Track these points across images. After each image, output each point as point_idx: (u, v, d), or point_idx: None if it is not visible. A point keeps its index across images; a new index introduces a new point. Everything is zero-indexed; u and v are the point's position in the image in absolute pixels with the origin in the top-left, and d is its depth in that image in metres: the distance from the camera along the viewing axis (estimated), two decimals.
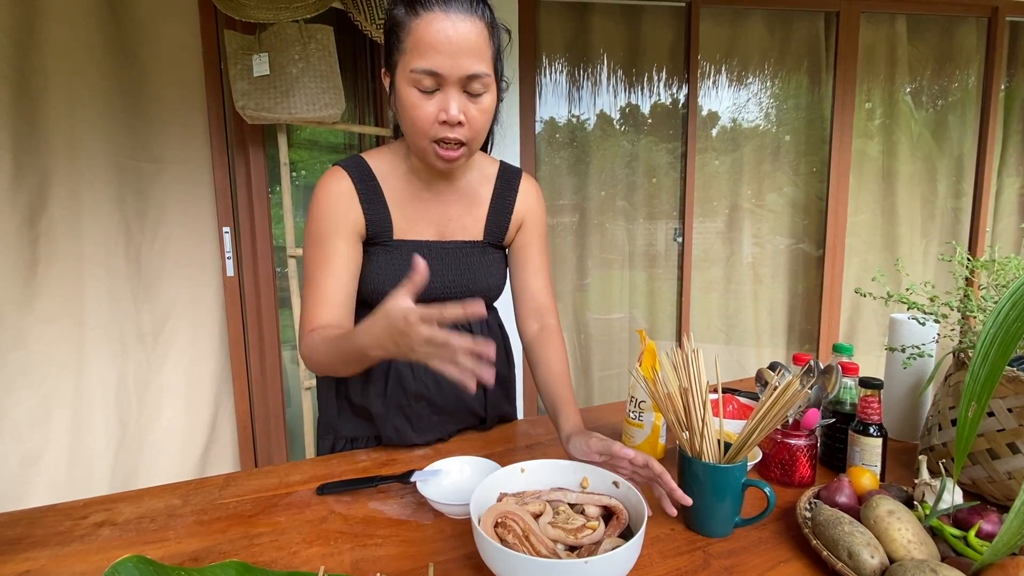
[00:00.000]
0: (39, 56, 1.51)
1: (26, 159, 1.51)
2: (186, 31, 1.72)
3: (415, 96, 0.72)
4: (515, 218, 0.94)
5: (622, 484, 0.63)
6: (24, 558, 0.61)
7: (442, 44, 0.69)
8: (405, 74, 0.72)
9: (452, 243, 0.89)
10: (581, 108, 2.35)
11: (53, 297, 1.57)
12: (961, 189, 2.59)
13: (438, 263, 0.86)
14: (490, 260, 0.92)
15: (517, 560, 0.50)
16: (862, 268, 2.55)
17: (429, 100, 0.72)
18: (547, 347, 0.91)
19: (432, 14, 0.68)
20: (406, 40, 0.71)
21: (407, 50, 0.71)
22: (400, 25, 0.71)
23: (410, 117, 0.74)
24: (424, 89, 0.72)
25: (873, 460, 0.75)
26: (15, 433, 1.53)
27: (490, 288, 0.92)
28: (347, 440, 0.93)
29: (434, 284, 0.86)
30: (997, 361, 0.48)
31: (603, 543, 0.56)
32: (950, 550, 0.58)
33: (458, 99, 0.72)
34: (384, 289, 0.83)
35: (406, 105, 0.73)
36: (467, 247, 0.90)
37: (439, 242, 0.88)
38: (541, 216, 0.96)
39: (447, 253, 0.88)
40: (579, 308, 2.46)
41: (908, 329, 0.91)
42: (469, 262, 0.89)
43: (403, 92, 0.73)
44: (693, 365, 0.67)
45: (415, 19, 0.69)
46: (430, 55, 0.69)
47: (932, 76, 2.51)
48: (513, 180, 0.94)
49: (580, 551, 0.56)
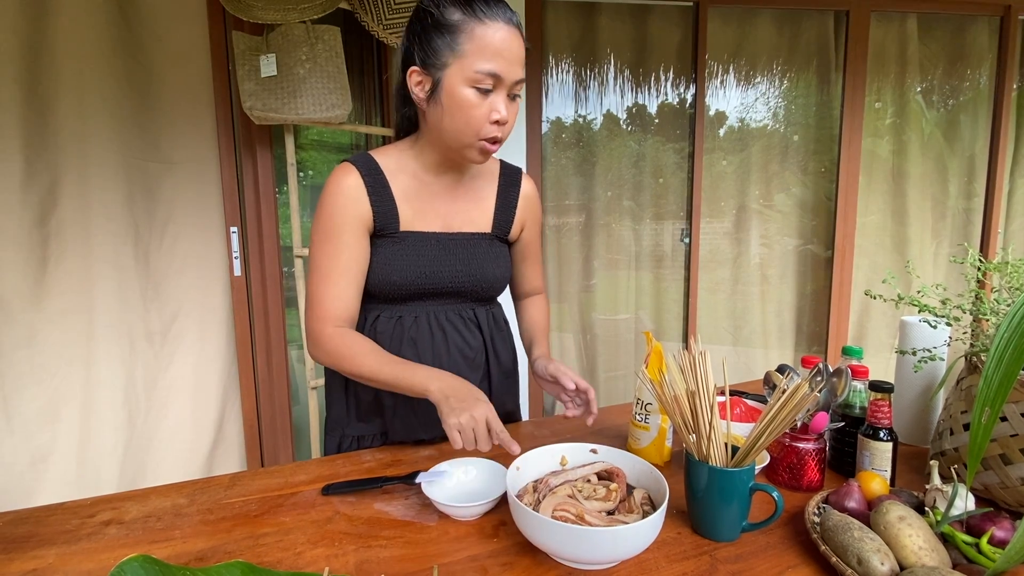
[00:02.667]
0: (49, 58, 1.53)
1: (36, 159, 1.52)
2: (194, 32, 1.73)
3: (473, 95, 0.77)
4: (519, 215, 0.98)
5: (600, 449, 0.73)
6: (32, 556, 0.62)
7: (505, 50, 0.76)
8: (465, 73, 0.76)
9: (459, 235, 0.91)
10: (588, 108, 2.35)
11: (63, 295, 1.58)
12: (973, 190, 2.55)
13: (445, 254, 0.89)
14: (496, 252, 0.95)
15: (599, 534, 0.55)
16: (872, 269, 2.52)
17: (484, 100, 0.77)
18: (532, 305, 1.07)
19: (497, 23, 0.76)
20: (466, 43, 0.75)
21: (468, 52, 0.75)
22: (457, 28, 0.75)
23: (465, 115, 0.78)
24: (483, 89, 0.77)
25: (883, 465, 0.74)
26: (25, 430, 1.55)
27: (496, 279, 0.95)
28: (354, 438, 0.94)
29: (441, 274, 0.89)
30: (1012, 366, 0.47)
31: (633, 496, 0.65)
32: (962, 557, 0.57)
33: (504, 101, 0.79)
34: (391, 279, 0.87)
35: (462, 103, 0.77)
36: (474, 239, 0.93)
37: (446, 234, 0.91)
38: (540, 214, 1.05)
39: (454, 244, 0.90)
40: (585, 309, 2.45)
41: (919, 332, 0.90)
42: (476, 253, 0.92)
43: (458, 91, 0.77)
44: (700, 367, 0.67)
45: (479, 25, 0.75)
46: (495, 59, 0.75)
47: (943, 75, 2.48)
48: (515, 177, 0.99)
49: (615, 512, 0.64)
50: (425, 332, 0.90)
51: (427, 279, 0.88)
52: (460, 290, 0.91)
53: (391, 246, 0.87)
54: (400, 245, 0.87)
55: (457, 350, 0.92)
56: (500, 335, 0.99)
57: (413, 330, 0.90)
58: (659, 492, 0.64)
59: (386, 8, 1.74)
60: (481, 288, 0.93)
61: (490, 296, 0.97)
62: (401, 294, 0.88)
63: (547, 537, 0.57)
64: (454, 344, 0.92)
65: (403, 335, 0.89)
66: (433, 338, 0.90)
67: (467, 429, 0.69)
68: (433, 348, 0.90)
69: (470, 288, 0.92)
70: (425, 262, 0.87)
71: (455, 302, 0.93)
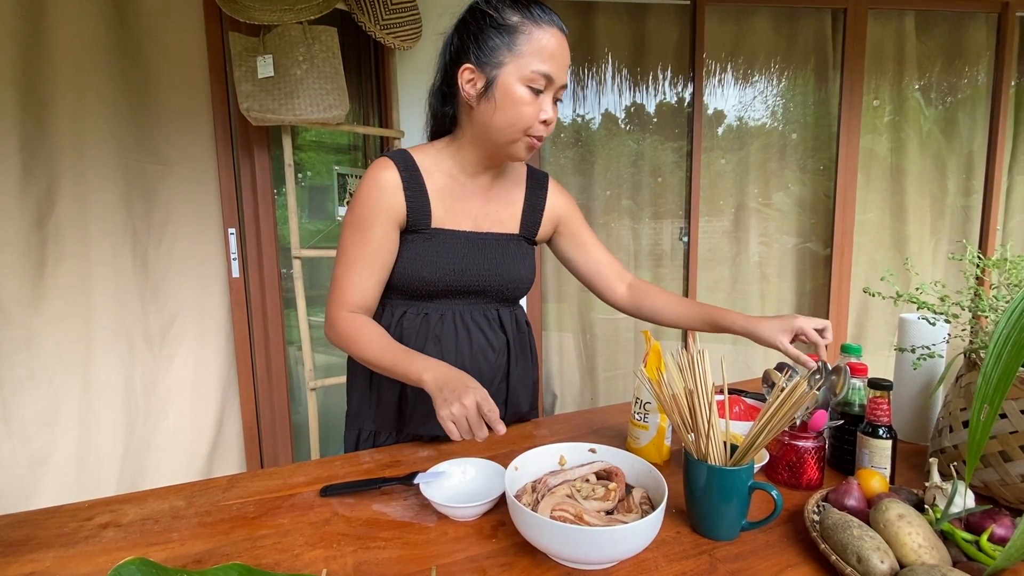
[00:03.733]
0: (46, 60, 1.52)
1: (34, 162, 1.52)
2: (191, 34, 1.73)
3: (527, 94, 0.80)
4: (548, 215, 1.00)
5: (598, 449, 0.73)
6: (29, 559, 0.61)
7: (559, 55, 0.81)
8: (521, 72, 0.79)
9: (488, 235, 0.94)
10: (586, 107, 2.35)
11: (61, 298, 1.58)
12: (971, 187, 2.55)
13: (474, 252, 0.91)
14: (524, 253, 0.98)
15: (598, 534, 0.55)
16: (870, 267, 2.52)
17: (535, 99, 0.81)
18: (648, 293, 1.04)
19: (553, 28, 0.80)
20: (524, 44, 0.79)
21: (525, 52, 0.79)
22: (515, 29, 0.79)
23: (518, 112, 0.81)
24: (537, 89, 0.80)
25: (883, 462, 0.74)
26: (24, 433, 1.55)
27: (522, 279, 0.97)
28: (371, 433, 0.97)
29: (469, 272, 0.91)
30: (1010, 363, 0.47)
31: (632, 495, 0.65)
32: (962, 555, 0.57)
33: (551, 103, 0.82)
34: (420, 274, 0.89)
35: (516, 101, 0.80)
36: (503, 239, 0.95)
37: (475, 233, 0.93)
38: (575, 206, 1.06)
39: (483, 243, 0.93)
40: (584, 308, 2.45)
41: (918, 329, 0.90)
42: (504, 253, 0.94)
43: (513, 88, 0.80)
44: (699, 366, 0.66)
45: (537, 28, 0.79)
46: (550, 62, 0.80)
47: (941, 73, 2.48)
48: (542, 180, 1.02)
49: (613, 511, 0.64)
50: (450, 330, 0.92)
51: (456, 277, 0.90)
52: (487, 289, 0.93)
53: (422, 242, 0.89)
54: (431, 242, 0.89)
55: (479, 350, 0.94)
56: (521, 337, 1.01)
57: (439, 327, 0.92)
58: (658, 491, 0.64)
59: (383, 8, 1.73)
60: (507, 288, 0.95)
61: (515, 297, 0.99)
62: (429, 291, 0.90)
63: (546, 537, 0.57)
64: (477, 344, 0.94)
65: (428, 332, 0.91)
66: (457, 336, 0.93)
67: (460, 418, 0.69)
68: (457, 346, 0.92)
69: (497, 288, 0.94)
70: (454, 260, 0.90)
71: (480, 301, 0.95)
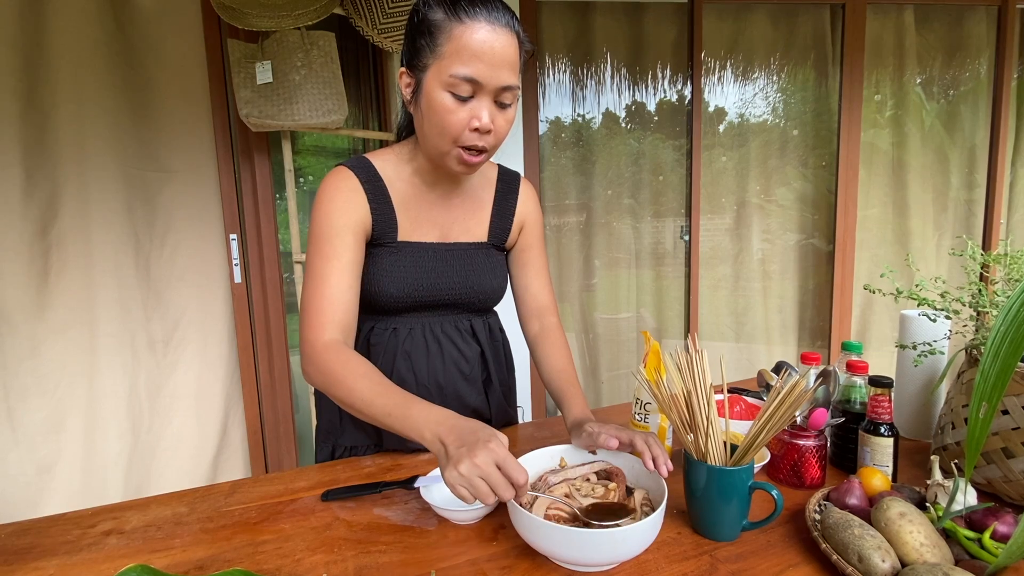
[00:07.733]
0: (46, 69, 1.54)
1: (36, 171, 1.53)
2: (190, 41, 1.74)
3: (449, 100, 0.72)
4: (517, 220, 0.95)
5: (599, 449, 0.72)
6: (33, 567, 0.62)
7: (485, 53, 0.69)
8: (440, 77, 0.71)
9: (456, 245, 0.89)
10: (585, 107, 2.35)
11: (65, 306, 1.59)
12: (974, 181, 2.54)
13: (442, 265, 0.87)
14: (493, 262, 0.93)
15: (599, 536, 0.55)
16: (873, 263, 2.51)
17: (462, 106, 0.72)
18: (548, 344, 0.94)
19: (477, 23, 0.69)
20: (445, 44, 0.70)
21: (446, 54, 0.70)
22: (438, 28, 0.70)
23: (441, 121, 0.73)
24: (459, 95, 0.71)
25: (884, 460, 0.73)
26: (30, 441, 1.56)
27: (493, 289, 0.92)
28: (346, 448, 0.93)
29: (438, 285, 0.87)
30: (1009, 359, 0.46)
31: (633, 497, 0.65)
32: (964, 553, 0.57)
33: (489, 108, 0.73)
34: (387, 291, 0.84)
35: (437, 108, 0.73)
36: (471, 249, 0.90)
37: (443, 244, 0.88)
38: (540, 219, 0.99)
39: (451, 255, 0.88)
40: (586, 308, 2.44)
41: (919, 326, 0.89)
42: (473, 264, 0.90)
43: (435, 95, 0.72)
44: (697, 366, 0.66)
45: (459, 25, 0.69)
46: (472, 63, 0.69)
47: (942, 67, 2.47)
48: (513, 183, 0.96)
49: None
50: (420, 344, 0.88)
51: (424, 291, 0.85)
52: (457, 301, 0.89)
53: (387, 256, 0.84)
54: (397, 255, 0.85)
55: (453, 362, 0.90)
56: (496, 345, 0.97)
57: (408, 342, 0.88)
58: (658, 492, 0.63)
59: (380, 12, 1.74)
60: (478, 299, 0.91)
61: (486, 307, 0.95)
62: (397, 306, 0.86)
63: (546, 540, 0.57)
64: (450, 356, 0.90)
65: (397, 347, 0.87)
66: (428, 350, 0.88)
67: (471, 480, 0.55)
68: (428, 361, 0.88)
69: (467, 299, 0.90)
70: (422, 273, 0.85)
71: (451, 313, 0.91)
